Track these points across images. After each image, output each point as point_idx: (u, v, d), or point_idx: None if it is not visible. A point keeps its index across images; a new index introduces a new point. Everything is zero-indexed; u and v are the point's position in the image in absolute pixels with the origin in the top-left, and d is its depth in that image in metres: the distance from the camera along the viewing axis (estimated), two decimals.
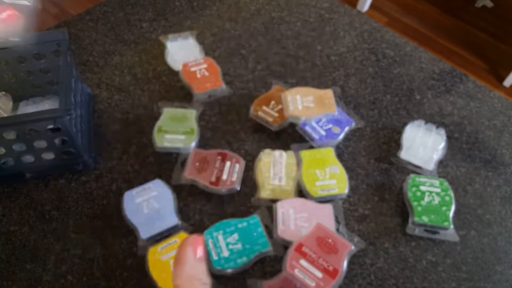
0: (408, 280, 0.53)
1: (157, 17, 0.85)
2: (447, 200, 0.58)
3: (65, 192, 0.60)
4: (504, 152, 0.67)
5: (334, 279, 0.49)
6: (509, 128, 0.70)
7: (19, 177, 0.60)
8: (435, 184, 0.59)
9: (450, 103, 0.73)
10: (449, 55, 1.86)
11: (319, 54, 0.79)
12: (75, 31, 0.82)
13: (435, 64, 0.79)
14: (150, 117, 0.68)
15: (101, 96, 0.71)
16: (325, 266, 0.49)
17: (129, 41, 0.80)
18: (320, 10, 0.88)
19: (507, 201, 0.61)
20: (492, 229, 0.58)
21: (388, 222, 0.58)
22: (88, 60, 0.77)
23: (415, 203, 0.57)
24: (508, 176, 0.64)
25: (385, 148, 0.66)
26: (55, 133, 0.54)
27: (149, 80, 0.74)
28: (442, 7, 2.08)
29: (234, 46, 0.80)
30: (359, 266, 0.54)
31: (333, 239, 0.51)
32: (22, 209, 0.58)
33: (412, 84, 0.75)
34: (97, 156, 0.63)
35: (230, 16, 0.86)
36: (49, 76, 0.64)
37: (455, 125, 0.70)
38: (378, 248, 0.56)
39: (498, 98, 0.74)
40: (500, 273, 0.54)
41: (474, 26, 2.00)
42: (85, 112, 0.65)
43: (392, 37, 0.83)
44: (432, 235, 0.56)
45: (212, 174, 0.59)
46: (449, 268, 0.54)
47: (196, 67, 0.73)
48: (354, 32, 0.84)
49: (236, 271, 0.52)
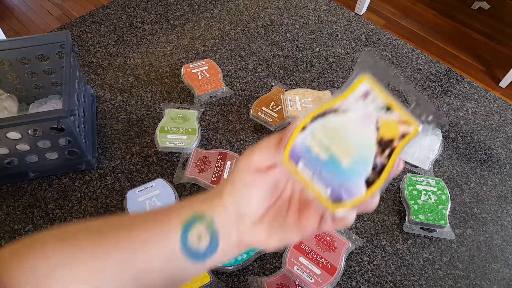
0: (405, 277, 0.54)
1: (159, 20, 0.86)
2: (443, 199, 0.59)
3: (69, 191, 0.60)
4: (500, 152, 0.68)
5: (332, 276, 0.50)
6: (505, 128, 0.71)
7: (23, 176, 0.61)
8: (432, 183, 0.60)
9: (446, 103, 0.74)
10: (446, 57, 1.88)
11: (317, 56, 0.81)
12: (78, 33, 0.83)
13: (432, 65, 0.80)
14: (153, 117, 0.69)
15: (105, 97, 0.72)
16: (323, 263, 0.50)
17: (131, 43, 0.81)
18: (319, 13, 0.89)
19: (502, 200, 0.62)
20: (488, 228, 0.59)
21: (385, 220, 0.59)
22: (92, 62, 0.78)
23: (412, 202, 0.58)
24: (504, 175, 0.65)
25: None
26: (59, 133, 0.55)
27: (151, 81, 0.75)
28: (439, 9, 2.10)
29: (234, 48, 0.81)
30: (357, 263, 0.55)
31: (332, 236, 0.52)
32: (26, 208, 0.59)
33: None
34: (100, 156, 0.64)
35: (230, 19, 0.87)
36: (53, 77, 0.65)
37: (451, 125, 0.71)
38: (376, 246, 0.57)
39: (494, 99, 0.76)
40: (496, 271, 0.55)
41: (471, 28, 2.01)
42: (88, 113, 0.66)
43: (389, 39, 0.85)
44: (429, 233, 0.57)
45: (213, 173, 0.61)
46: (445, 266, 0.55)
47: (198, 69, 0.74)
48: (352, 35, 0.85)
49: (236, 268, 0.53)
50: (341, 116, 0.27)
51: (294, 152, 0.27)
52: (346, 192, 0.26)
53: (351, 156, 0.26)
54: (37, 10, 2.01)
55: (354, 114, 0.27)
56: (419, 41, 1.93)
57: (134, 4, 0.89)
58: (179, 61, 0.78)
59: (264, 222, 0.29)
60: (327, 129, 0.27)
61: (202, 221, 0.28)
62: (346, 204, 0.26)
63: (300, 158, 0.27)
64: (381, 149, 0.26)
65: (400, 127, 0.26)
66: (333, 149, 0.26)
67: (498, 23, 2.04)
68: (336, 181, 0.26)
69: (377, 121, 0.26)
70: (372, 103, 0.27)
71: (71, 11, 1.99)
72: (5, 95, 0.64)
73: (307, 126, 0.27)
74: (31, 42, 0.60)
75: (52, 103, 0.65)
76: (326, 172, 0.26)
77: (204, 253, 0.28)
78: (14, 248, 0.28)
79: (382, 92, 0.27)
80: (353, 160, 0.26)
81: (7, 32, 1.86)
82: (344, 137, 0.26)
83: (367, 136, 0.26)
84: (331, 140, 0.26)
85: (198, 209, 0.29)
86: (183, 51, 0.80)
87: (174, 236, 0.28)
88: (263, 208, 0.29)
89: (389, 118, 0.26)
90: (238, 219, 0.28)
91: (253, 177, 0.28)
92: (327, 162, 0.26)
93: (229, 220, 0.28)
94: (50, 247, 0.27)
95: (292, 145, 0.27)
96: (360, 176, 0.26)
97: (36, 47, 0.61)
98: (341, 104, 0.27)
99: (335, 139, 0.26)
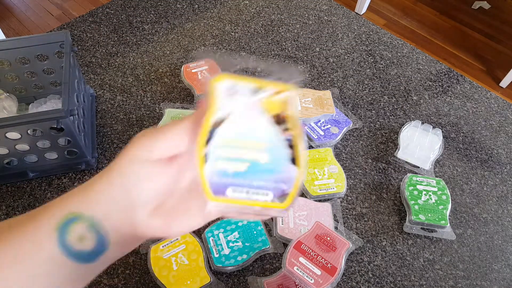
0: (405, 278, 0.54)
1: (159, 19, 0.86)
2: (444, 199, 0.59)
3: (68, 191, 0.60)
4: (501, 152, 0.68)
5: (333, 276, 0.50)
6: (506, 128, 0.71)
7: (22, 176, 0.60)
8: (432, 183, 0.60)
9: (446, 103, 0.74)
10: (446, 56, 1.88)
11: (317, 56, 0.81)
12: (77, 33, 0.83)
13: (432, 65, 0.80)
14: (152, 117, 0.69)
15: (104, 97, 0.72)
16: (323, 264, 0.50)
17: (131, 43, 0.81)
18: (319, 13, 0.89)
19: (503, 200, 0.62)
20: (489, 228, 0.59)
21: (385, 220, 0.59)
22: (91, 62, 0.78)
23: (412, 202, 0.58)
24: (504, 175, 0.65)
25: (383, 148, 0.67)
26: (59, 133, 0.54)
27: (151, 81, 0.75)
28: (439, 9, 2.10)
29: (234, 48, 0.81)
30: (357, 263, 0.55)
31: (332, 237, 0.52)
32: (25, 208, 0.59)
33: (409, 85, 0.77)
34: (100, 156, 0.64)
35: (230, 19, 0.87)
36: (52, 77, 0.65)
37: (451, 125, 0.71)
38: (376, 246, 0.56)
39: (495, 99, 0.75)
40: (497, 271, 0.55)
41: (471, 28, 2.01)
42: (88, 113, 0.65)
43: (390, 39, 0.85)
44: (429, 233, 0.57)
45: None
46: (446, 266, 0.55)
47: (198, 68, 0.74)
48: (352, 34, 0.85)
49: (236, 268, 0.52)
50: (227, 124, 0.25)
51: (214, 186, 0.25)
52: (284, 183, 0.25)
53: (263, 150, 0.25)
54: (37, 10, 2.01)
55: (236, 114, 0.25)
56: (419, 41, 1.93)
57: (134, 4, 0.89)
58: (179, 60, 0.78)
59: (162, 211, 0.26)
60: (225, 143, 0.25)
61: (80, 220, 0.25)
62: (292, 193, 0.25)
63: (224, 186, 0.25)
64: (282, 126, 0.25)
65: (279, 97, 0.25)
66: (246, 156, 0.25)
67: (498, 23, 2.04)
68: (269, 181, 0.25)
69: (259, 106, 0.25)
70: (242, 94, 0.25)
71: (70, 10, 1.99)
72: (5, 95, 0.64)
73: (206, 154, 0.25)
74: (30, 42, 0.60)
75: (52, 103, 0.65)
76: (256, 180, 0.25)
77: (92, 253, 0.25)
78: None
79: (244, 79, 0.25)
80: (268, 152, 0.25)
81: (6, 32, 1.86)
82: (245, 139, 0.25)
83: (261, 124, 0.26)
84: (237, 150, 0.25)
85: (73, 208, 0.25)
86: (183, 51, 0.80)
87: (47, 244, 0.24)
88: (160, 198, 0.26)
89: (266, 96, 0.25)
90: (129, 212, 0.25)
91: (151, 169, 0.25)
92: (250, 171, 0.25)
93: (117, 214, 0.25)
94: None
95: (207, 182, 0.25)
96: (284, 160, 0.25)
97: (35, 47, 0.60)
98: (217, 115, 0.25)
99: (240, 147, 0.25)
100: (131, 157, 0.25)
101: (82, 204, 0.25)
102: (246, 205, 0.25)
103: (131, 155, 0.25)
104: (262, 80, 0.25)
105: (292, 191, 0.25)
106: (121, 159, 0.25)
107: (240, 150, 0.25)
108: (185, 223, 0.27)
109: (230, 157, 0.25)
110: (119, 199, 0.25)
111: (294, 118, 0.26)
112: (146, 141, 0.25)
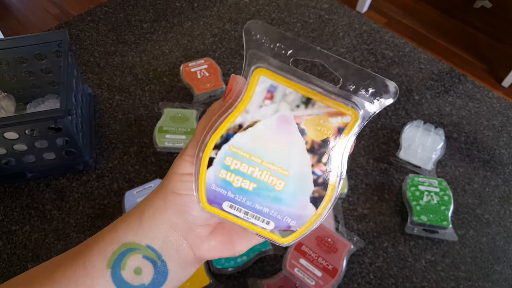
0: (407, 279, 0.53)
1: (158, 18, 0.85)
2: (445, 200, 0.58)
3: (66, 191, 0.60)
4: (503, 152, 0.67)
5: (334, 278, 0.49)
6: (508, 128, 0.71)
7: (20, 176, 0.60)
8: (434, 184, 0.59)
9: (448, 103, 0.74)
10: (448, 56, 1.87)
11: None
12: (76, 32, 0.82)
13: (434, 64, 0.80)
14: (151, 117, 0.68)
15: (102, 96, 0.72)
16: (324, 265, 0.50)
17: (130, 42, 0.80)
18: (320, 11, 0.88)
19: (505, 200, 0.62)
20: (491, 229, 0.59)
21: (387, 221, 0.58)
22: (89, 61, 0.77)
23: (414, 203, 0.58)
24: (507, 176, 0.64)
25: (384, 148, 0.67)
26: (56, 133, 0.54)
27: (149, 80, 0.74)
28: (441, 7, 2.09)
29: (234, 47, 0.80)
30: (359, 265, 0.54)
31: (333, 238, 0.52)
32: (23, 208, 0.58)
33: (411, 85, 0.76)
34: (98, 156, 0.64)
35: (230, 17, 0.86)
36: (50, 76, 0.64)
37: (453, 125, 0.70)
38: (377, 248, 0.56)
39: (497, 98, 0.75)
40: (499, 273, 0.55)
41: (473, 27, 2.00)
42: (86, 112, 0.65)
43: (391, 37, 0.84)
44: (431, 234, 0.57)
45: None
46: (448, 268, 0.55)
47: (197, 67, 0.73)
48: (353, 33, 0.84)
49: (236, 269, 0.52)
50: (250, 132, 0.21)
51: (212, 195, 0.22)
52: (292, 219, 0.22)
53: (282, 176, 0.21)
54: (35, 9, 2.00)
55: (265, 123, 0.20)
56: (421, 40, 1.92)
57: (133, 3, 0.88)
58: (178, 60, 0.77)
59: (221, 228, 0.25)
60: (238, 153, 0.21)
61: (134, 250, 0.23)
62: (298, 232, 0.22)
63: (222, 198, 0.22)
64: (316, 157, 0.21)
65: (331, 120, 0.20)
66: (258, 176, 0.21)
67: (501, 22, 2.03)
68: (275, 210, 0.22)
69: (298, 122, 0.20)
70: (282, 101, 0.20)
71: (69, 9, 1.98)
72: (2, 94, 0.63)
73: (213, 157, 0.21)
74: (28, 41, 0.59)
75: (50, 102, 0.65)
76: (260, 204, 0.22)
77: (152, 285, 0.23)
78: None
79: (290, 83, 0.20)
80: (287, 180, 0.21)
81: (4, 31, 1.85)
82: (264, 156, 0.21)
83: (292, 145, 0.21)
84: (251, 166, 0.21)
85: (124, 239, 0.23)
86: (182, 50, 0.79)
87: (100, 285, 0.22)
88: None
89: (313, 113, 0.20)
90: (189, 233, 0.23)
91: None
92: (257, 193, 0.21)
93: (174, 237, 0.23)
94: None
95: (205, 187, 0.22)
96: (302, 196, 0.21)
97: (33, 46, 0.60)
98: (242, 118, 0.21)
99: (254, 164, 0.21)
100: (181, 177, 0.23)
101: (136, 232, 0.23)
102: (242, 226, 0.22)
103: (176, 171, 0.23)
104: (315, 89, 0.20)
105: (299, 230, 0.22)
106: (169, 178, 0.23)
107: (254, 167, 0.21)
108: (246, 237, 0.25)
109: (239, 170, 0.21)
110: (177, 221, 0.23)
111: (341, 155, 0.21)
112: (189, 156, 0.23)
